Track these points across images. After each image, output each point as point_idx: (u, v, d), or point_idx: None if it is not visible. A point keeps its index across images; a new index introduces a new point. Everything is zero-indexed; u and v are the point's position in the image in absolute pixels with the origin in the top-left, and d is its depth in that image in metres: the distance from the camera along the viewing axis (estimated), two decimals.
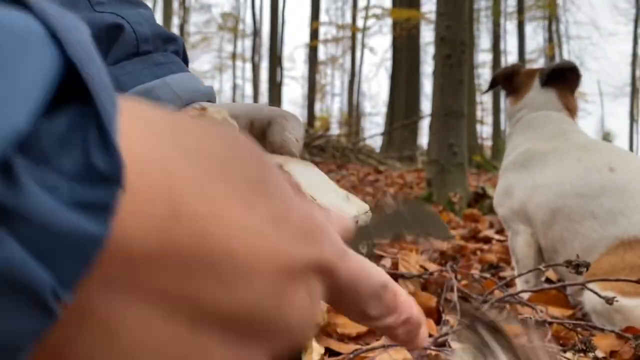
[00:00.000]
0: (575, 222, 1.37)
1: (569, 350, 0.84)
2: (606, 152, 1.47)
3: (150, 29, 0.68)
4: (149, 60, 0.66)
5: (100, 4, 0.67)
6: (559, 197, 1.42)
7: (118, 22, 0.65)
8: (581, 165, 1.44)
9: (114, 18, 0.66)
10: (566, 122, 1.63)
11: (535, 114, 1.66)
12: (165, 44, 0.69)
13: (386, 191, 4.59)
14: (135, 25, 0.66)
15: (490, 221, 2.97)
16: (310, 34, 21.31)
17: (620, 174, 1.37)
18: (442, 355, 0.87)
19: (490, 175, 7.59)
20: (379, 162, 9.29)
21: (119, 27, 0.65)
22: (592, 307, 1.20)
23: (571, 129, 1.61)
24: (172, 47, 0.70)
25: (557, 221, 1.42)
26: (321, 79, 27.63)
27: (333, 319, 1.02)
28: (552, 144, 1.55)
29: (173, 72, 0.67)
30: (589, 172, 1.41)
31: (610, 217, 1.32)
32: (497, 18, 20.84)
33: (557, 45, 23.21)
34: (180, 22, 22.91)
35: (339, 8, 27.54)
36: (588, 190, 1.38)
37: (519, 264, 1.52)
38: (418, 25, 12.99)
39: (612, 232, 1.30)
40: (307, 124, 17.72)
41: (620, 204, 1.31)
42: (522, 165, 1.57)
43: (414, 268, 1.45)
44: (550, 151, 1.53)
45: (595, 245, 1.31)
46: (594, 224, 1.34)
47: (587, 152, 1.47)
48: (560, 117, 1.63)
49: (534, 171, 1.53)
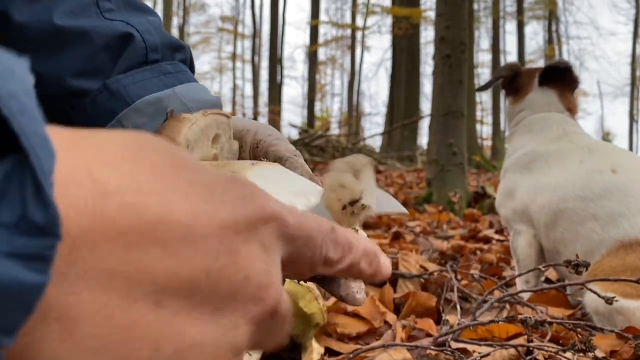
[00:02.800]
0: (576, 224, 1.37)
1: (568, 350, 0.84)
2: (609, 154, 1.46)
3: (160, 37, 0.69)
4: (158, 69, 0.67)
5: (110, 10, 0.67)
6: (561, 199, 1.42)
7: (128, 30, 0.66)
8: (583, 167, 1.43)
9: (124, 27, 0.66)
10: (568, 123, 1.62)
11: (537, 116, 1.65)
12: (173, 53, 0.70)
13: (386, 191, 4.58)
14: (145, 34, 0.67)
15: (490, 221, 2.97)
16: (310, 33, 21.31)
17: (622, 176, 1.36)
18: (442, 355, 0.87)
19: (489, 175, 7.59)
20: (378, 162, 9.29)
21: (129, 36, 0.66)
22: (593, 308, 1.20)
23: (574, 130, 1.60)
24: (180, 56, 0.71)
25: (559, 223, 1.42)
26: (321, 79, 27.63)
27: (333, 319, 1.02)
28: (554, 146, 1.55)
29: (181, 81, 0.67)
30: (591, 174, 1.40)
31: (611, 220, 1.31)
32: (497, 18, 20.84)
33: (556, 45, 23.22)
34: (180, 23, 22.90)
35: (338, 8, 27.56)
36: (590, 192, 1.37)
37: (520, 264, 1.51)
38: (418, 24, 12.99)
39: (613, 235, 1.30)
40: (307, 124, 17.71)
41: (621, 207, 1.31)
42: (524, 166, 1.57)
43: (414, 268, 1.45)
44: (553, 153, 1.53)
45: (597, 247, 1.31)
46: (595, 226, 1.34)
47: (589, 154, 1.47)
48: (562, 119, 1.63)
49: (536, 173, 1.52)
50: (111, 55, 0.65)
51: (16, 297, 0.16)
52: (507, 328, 1.01)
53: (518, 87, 1.73)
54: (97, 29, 0.65)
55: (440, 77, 3.87)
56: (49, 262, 0.16)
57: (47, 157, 0.17)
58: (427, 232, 2.55)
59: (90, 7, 0.66)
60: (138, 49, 0.66)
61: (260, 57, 25.55)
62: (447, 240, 2.31)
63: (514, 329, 1.00)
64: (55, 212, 0.17)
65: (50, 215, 0.16)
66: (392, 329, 1.04)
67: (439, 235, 2.47)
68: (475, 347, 0.91)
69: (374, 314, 1.12)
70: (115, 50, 0.65)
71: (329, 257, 0.27)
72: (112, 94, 0.65)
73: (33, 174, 0.16)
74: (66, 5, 0.65)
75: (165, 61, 0.68)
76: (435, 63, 3.96)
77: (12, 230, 0.16)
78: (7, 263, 0.16)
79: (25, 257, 0.16)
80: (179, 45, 0.71)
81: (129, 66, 0.66)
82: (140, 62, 0.66)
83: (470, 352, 0.89)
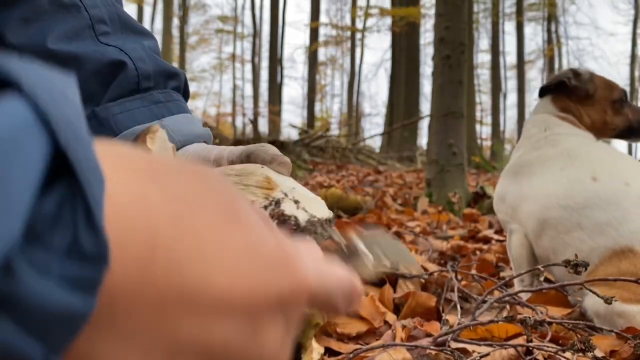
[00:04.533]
0: (562, 234, 1.37)
1: (568, 350, 0.84)
2: (589, 160, 1.44)
3: (153, 65, 0.68)
4: (148, 98, 0.66)
5: (105, 34, 0.66)
6: (545, 209, 1.41)
7: (120, 58, 0.65)
8: (564, 175, 1.42)
9: (117, 54, 0.65)
10: (552, 123, 1.59)
11: (528, 120, 1.66)
12: (166, 80, 0.69)
13: (385, 191, 4.59)
14: (138, 62, 0.66)
15: (489, 221, 2.97)
16: (310, 34, 21.31)
17: (604, 183, 1.36)
18: (442, 355, 0.87)
19: (489, 175, 7.59)
20: (378, 162, 9.29)
21: (122, 63, 0.65)
22: (595, 311, 1.20)
23: (556, 131, 1.57)
24: (174, 83, 0.70)
25: (545, 232, 1.41)
26: (321, 80, 27.63)
27: (333, 319, 1.02)
28: (537, 152, 1.54)
29: (171, 112, 0.66)
30: (572, 183, 1.39)
31: (597, 229, 1.31)
32: (496, 20, 20.84)
33: (556, 46, 23.22)
34: (180, 23, 22.89)
35: (338, 9, 27.56)
36: (572, 202, 1.37)
37: (514, 263, 1.52)
38: (417, 22, 12.98)
39: (602, 243, 1.29)
40: (307, 124, 17.71)
41: (606, 216, 1.30)
42: (514, 173, 1.57)
43: (414, 268, 1.45)
44: (535, 160, 1.52)
45: (588, 256, 1.30)
46: (581, 235, 1.33)
47: (569, 160, 1.45)
48: (542, 119, 1.61)
49: (522, 181, 1.52)
50: (102, 81, 0.64)
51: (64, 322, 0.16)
52: (506, 328, 1.01)
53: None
54: (90, 54, 0.64)
55: (439, 78, 3.87)
56: (96, 290, 0.17)
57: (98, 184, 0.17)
58: (427, 232, 2.55)
59: (85, 30, 0.65)
60: (130, 77, 0.65)
61: (260, 57, 25.56)
62: (447, 240, 2.31)
63: (514, 329, 1.01)
64: (104, 242, 0.17)
65: (100, 244, 0.17)
66: (392, 329, 1.04)
67: (439, 236, 2.47)
68: (474, 347, 0.91)
69: (374, 314, 1.12)
70: (106, 77, 0.65)
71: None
72: (101, 122, 0.63)
73: (85, 202, 0.17)
74: (61, 28, 0.64)
75: (157, 89, 0.67)
76: (435, 63, 3.97)
77: (63, 256, 0.16)
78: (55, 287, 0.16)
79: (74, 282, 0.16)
80: (173, 71, 0.70)
81: (120, 94, 0.65)
82: (131, 90, 0.66)
83: (470, 352, 0.89)
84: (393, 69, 15.71)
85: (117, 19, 0.69)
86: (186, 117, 0.68)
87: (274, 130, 16.72)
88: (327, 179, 5.83)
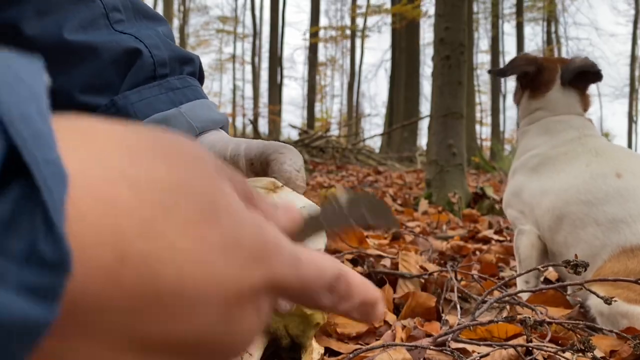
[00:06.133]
0: (578, 229, 1.36)
1: (568, 350, 0.84)
2: (616, 157, 1.43)
3: (168, 51, 0.68)
4: (165, 85, 0.66)
5: (120, 22, 0.66)
6: (565, 203, 1.40)
7: (136, 46, 0.65)
8: (589, 170, 1.41)
9: (132, 42, 0.65)
10: (586, 126, 1.57)
11: (556, 118, 1.59)
12: (182, 66, 0.69)
13: (385, 192, 4.59)
14: (153, 49, 0.66)
15: (489, 222, 2.97)
16: (310, 36, 21.30)
17: (627, 180, 1.35)
18: (442, 355, 0.88)
19: (489, 175, 7.59)
20: (378, 162, 9.29)
21: (137, 51, 0.65)
22: (598, 310, 1.20)
23: (588, 133, 1.55)
24: (189, 69, 0.70)
25: (562, 227, 1.40)
26: (321, 80, 27.63)
27: (333, 318, 1.02)
28: (564, 149, 1.52)
29: (189, 98, 0.67)
30: (595, 178, 1.38)
31: (612, 225, 1.30)
32: (496, 19, 20.84)
33: (556, 47, 23.22)
34: (180, 24, 22.89)
35: (338, 9, 27.56)
36: (592, 197, 1.36)
37: (521, 264, 1.51)
38: (418, 21, 12.98)
39: (615, 240, 1.28)
40: (307, 124, 17.71)
41: (623, 212, 1.30)
42: (533, 169, 1.54)
43: (414, 268, 1.45)
44: (562, 156, 1.50)
45: (599, 252, 1.30)
46: (596, 231, 1.32)
47: (596, 157, 1.44)
48: (582, 123, 1.57)
49: (543, 176, 1.50)
50: (119, 70, 0.65)
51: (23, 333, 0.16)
52: (506, 328, 1.01)
53: (538, 82, 1.63)
54: (106, 44, 0.64)
55: (439, 78, 3.87)
56: (57, 299, 0.16)
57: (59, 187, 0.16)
58: (427, 232, 2.55)
59: (100, 19, 0.65)
60: (146, 65, 0.66)
61: (260, 58, 25.56)
62: (447, 240, 2.31)
63: (514, 329, 1.01)
64: (65, 247, 0.16)
65: (61, 251, 0.16)
66: (392, 329, 1.04)
67: (439, 236, 2.47)
68: (474, 347, 0.91)
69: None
70: (123, 66, 0.65)
71: (319, 304, 0.27)
72: (120, 111, 0.64)
73: (43, 206, 0.16)
74: (76, 18, 0.64)
75: (173, 75, 0.68)
76: (435, 64, 3.97)
77: (21, 264, 0.15)
78: (13, 296, 0.15)
79: (33, 292, 0.16)
80: (188, 57, 0.70)
81: (137, 82, 0.65)
82: (148, 78, 0.66)
83: (469, 352, 0.90)
84: (393, 69, 15.72)
85: (130, 6, 0.69)
86: (203, 103, 0.68)
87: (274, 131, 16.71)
88: (327, 179, 5.83)
